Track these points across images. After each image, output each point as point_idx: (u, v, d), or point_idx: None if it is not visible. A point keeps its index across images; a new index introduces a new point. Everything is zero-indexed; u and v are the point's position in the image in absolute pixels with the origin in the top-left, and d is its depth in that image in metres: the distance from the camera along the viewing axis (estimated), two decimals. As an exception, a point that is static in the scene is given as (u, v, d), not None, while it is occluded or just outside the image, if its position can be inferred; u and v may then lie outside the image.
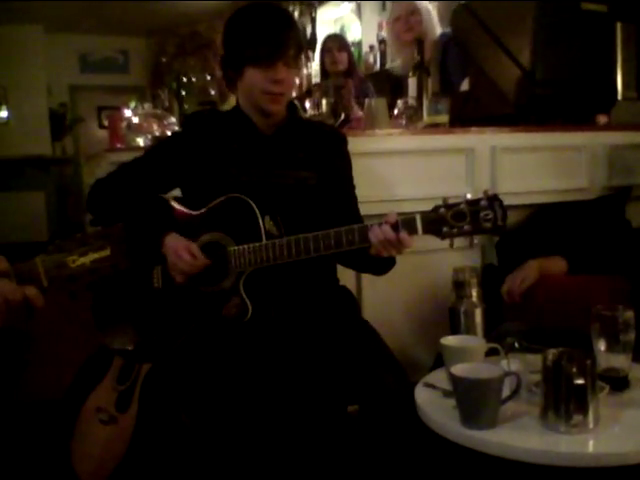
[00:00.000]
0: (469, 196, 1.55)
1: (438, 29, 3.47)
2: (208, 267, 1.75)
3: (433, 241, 1.62)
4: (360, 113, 3.03)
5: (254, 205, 1.72)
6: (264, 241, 1.70)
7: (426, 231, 1.57)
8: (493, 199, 1.53)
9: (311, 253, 1.65)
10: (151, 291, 1.83)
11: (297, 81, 1.86)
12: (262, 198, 1.74)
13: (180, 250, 1.73)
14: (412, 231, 1.57)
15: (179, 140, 1.95)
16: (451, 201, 1.55)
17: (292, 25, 1.85)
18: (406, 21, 3.43)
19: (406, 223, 1.58)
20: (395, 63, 3.68)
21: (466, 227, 1.53)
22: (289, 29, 1.80)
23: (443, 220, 1.54)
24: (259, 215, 1.72)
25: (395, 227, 1.57)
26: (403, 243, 1.58)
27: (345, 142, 1.97)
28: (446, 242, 1.58)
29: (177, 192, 1.98)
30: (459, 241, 1.60)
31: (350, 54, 3.92)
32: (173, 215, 1.85)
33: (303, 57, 1.80)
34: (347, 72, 3.76)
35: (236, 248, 1.72)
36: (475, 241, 1.56)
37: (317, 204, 1.84)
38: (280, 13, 1.84)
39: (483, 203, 1.52)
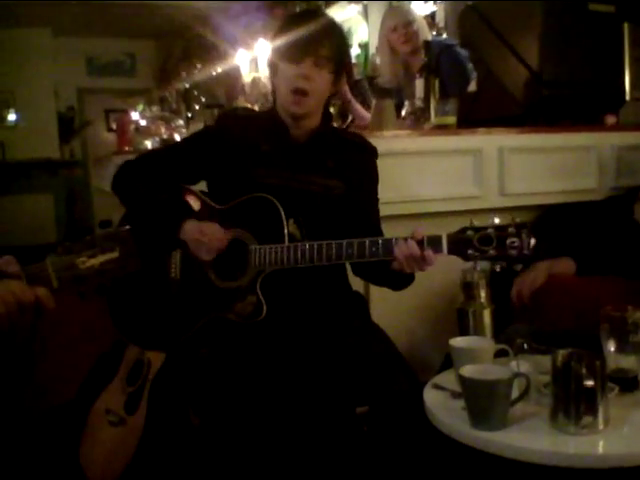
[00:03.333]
0: (497, 221, 1.54)
1: (429, 36, 3.44)
2: (228, 262, 1.75)
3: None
4: (366, 114, 3.02)
5: (280, 206, 1.73)
6: (287, 243, 1.70)
7: (451, 251, 1.56)
8: (521, 227, 1.52)
9: (332, 260, 1.65)
10: (168, 281, 1.84)
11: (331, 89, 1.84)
12: (287, 202, 1.74)
13: (203, 227, 1.74)
14: (437, 250, 1.57)
15: (211, 135, 1.95)
16: (478, 224, 1.55)
17: (332, 29, 1.85)
18: (404, 32, 3.32)
19: (432, 241, 1.57)
20: (385, 78, 3.51)
21: (491, 252, 1.53)
22: (326, 31, 1.81)
23: (469, 242, 1.54)
24: (284, 217, 1.72)
25: (420, 243, 1.57)
26: (427, 261, 1.57)
27: (375, 155, 1.96)
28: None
29: (203, 186, 1.98)
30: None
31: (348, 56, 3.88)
32: (197, 207, 1.86)
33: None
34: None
35: (258, 247, 1.72)
36: (497, 267, 1.55)
37: (341, 214, 1.84)
38: (321, 18, 1.87)
39: (511, 230, 1.52)
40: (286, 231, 1.72)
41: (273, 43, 1.86)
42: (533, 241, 1.52)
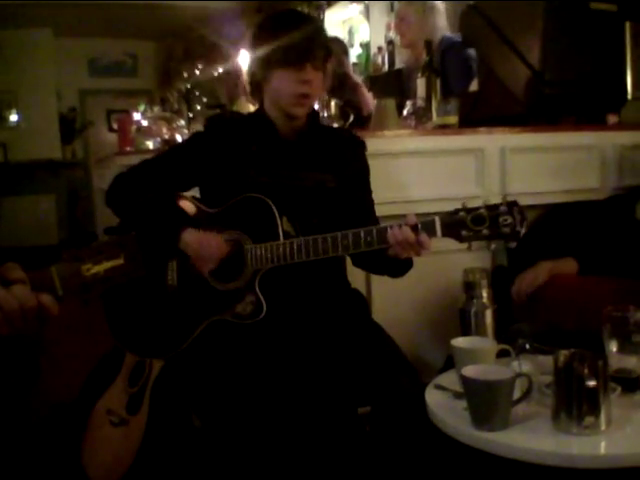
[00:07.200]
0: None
1: (441, 33, 3.45)
2: (224, 264, 1.75)
3: (444, 242, 1.62)
4: (372, 99, 3.05)
5: (272, 204, 1.73)
6: (282, 240, 1.70)
7: (445, 234, 1.57)
8: (512, 205, 1.53)
9: (329, 253, 1.65)
10: (165, 288, 1.84)
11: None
12: (281, 199, 1.75)
13: (202, 238, 1.75)
14: (431, 233, 1.58)
15: (200, 140, 1.96)
16: (470, 205, 1.55)
17: (319, 29, 1.89)
18: (398, 27, 3.51)
19: (425, 225, 1.58)
20: (403, 58, 3.73)
21: (485, 231, 1.54)
22: (316, 33, 1.84)
23: (462, 224, 1.55)
24: (277, 214, 1.73)
25: (414, 229, 1.58)
26: (422, 245, 1.59)
27: (364, 147, 1.98)
28: (457, 243, 1.58)
29: (195, 192, 1.98)
30: (474, 243, 1.60)
31: (348, 57, 3.93)
32: (191, 213, 1.86)
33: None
34: (343, 75, 3.73)
35: (253, 246, 1.73)
36: (492, 246, 1.56)
37: (335, 207, 1.85)
38: (307, 18, 1.90)
39: (502, 208, 1.53)
40: (280, 229, 1.72)
41: (259, 49, 1.84)
42: (525, 218, 1.53)
